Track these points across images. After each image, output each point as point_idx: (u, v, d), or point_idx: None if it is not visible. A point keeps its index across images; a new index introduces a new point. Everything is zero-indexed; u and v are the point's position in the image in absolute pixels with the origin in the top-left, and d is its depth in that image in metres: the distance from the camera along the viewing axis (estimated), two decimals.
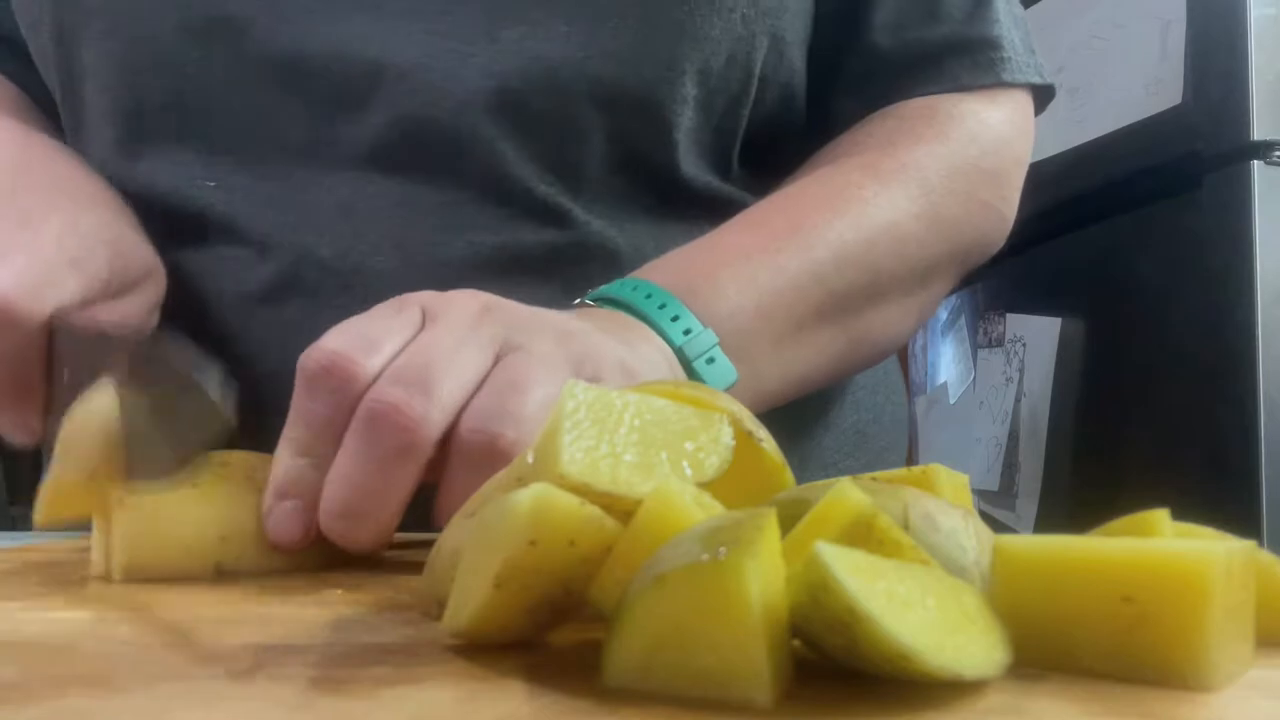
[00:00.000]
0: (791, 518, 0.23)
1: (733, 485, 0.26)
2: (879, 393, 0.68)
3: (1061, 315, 1.48)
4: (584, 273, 0.55)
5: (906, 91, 0.60)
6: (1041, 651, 0.22)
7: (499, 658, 0.23)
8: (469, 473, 0.36)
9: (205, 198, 0.56)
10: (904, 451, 0.72)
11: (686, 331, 0.47)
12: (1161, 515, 0.25)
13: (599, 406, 0.25)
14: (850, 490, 0.23)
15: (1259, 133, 1.20)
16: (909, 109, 0.60)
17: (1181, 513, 0.26)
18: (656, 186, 0.58)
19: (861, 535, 0.23)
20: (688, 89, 0.55)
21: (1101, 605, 0.21)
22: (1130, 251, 1.37)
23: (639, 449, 0.25)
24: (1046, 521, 1.46)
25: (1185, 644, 0.21)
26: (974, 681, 0.20)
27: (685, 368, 0.47)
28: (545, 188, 0.55)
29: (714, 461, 0.26)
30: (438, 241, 0.54)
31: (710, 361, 0.47)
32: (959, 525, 0.25)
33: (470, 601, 0.23)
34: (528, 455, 0.26)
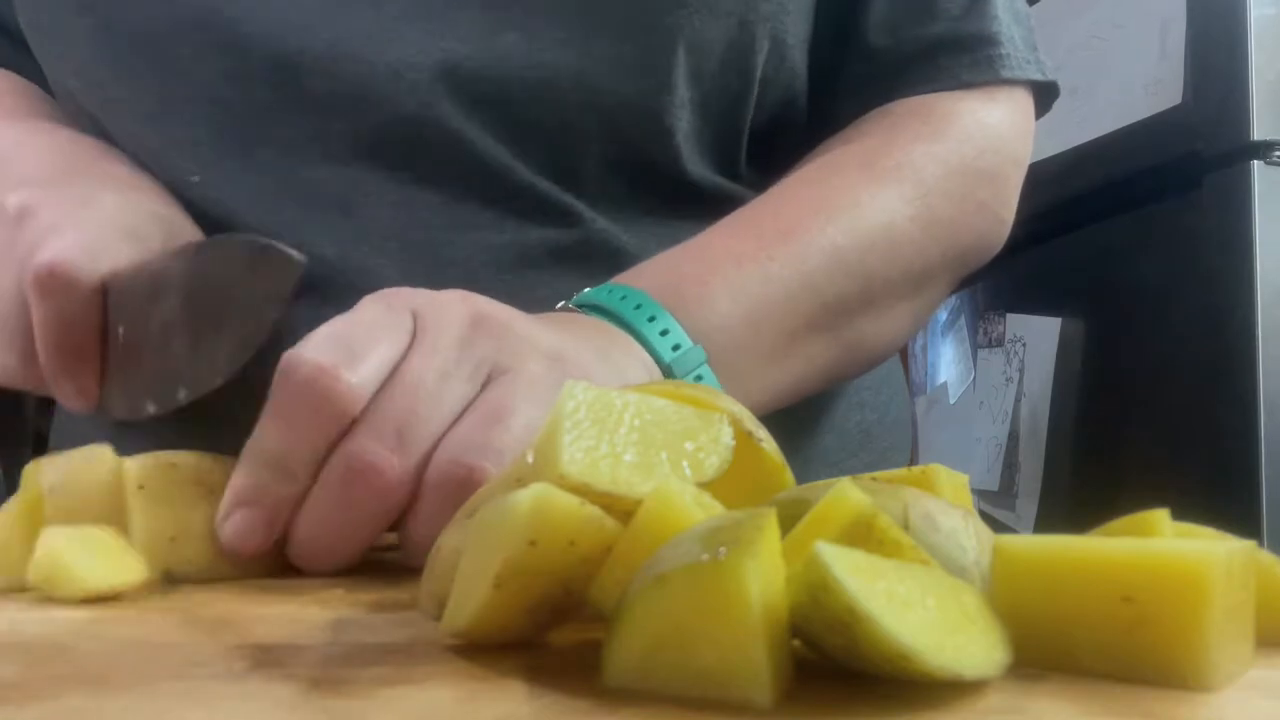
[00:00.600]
0: (791, 518, 0.23)
1: (733, 485, 0.26)
2: (882, 392, 0.68)
3: (1061, 315, 1.48)
4: (590, 270, 0.55)
5: (903, 90, 0.60)
6: (1041, 651, 0.22)
7: (499, 658, 0.23)
8: (442, 502, 0.35)
9: (201, 193, 0.55)
10: (908, 451, 0.72)
11: (675, 348, 0.46)
12: (1161, 515, 0.25)
13: (599, 406, 0.25)
14: (850, 490, 0.23)
15: (1259, 133, 1.20)
16: (905, 107, 0.60)
17: (1181, 513, 0.26)
18: (661, 188, 0.58)
19: (861, 535, 0.23)
20: (682, 93, 0.55)
21: (1101, 605, 0.21)
22: (1130, 251, 1.37)
23: (639, 449, 0.25)
24: (1046, 521, 1.46)
25: (1185, 644, 0.21)
26: (974, 681, 0.20)
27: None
28: (547, 185, 0.55)
29: (714, 461, 0.26)
30: (442, 241, 0.54)
31: (698, 379, 0.47)
32: (959, 525, 0.25)
33: (470, 601, 0.23)
34: (528, 455, 0.26)
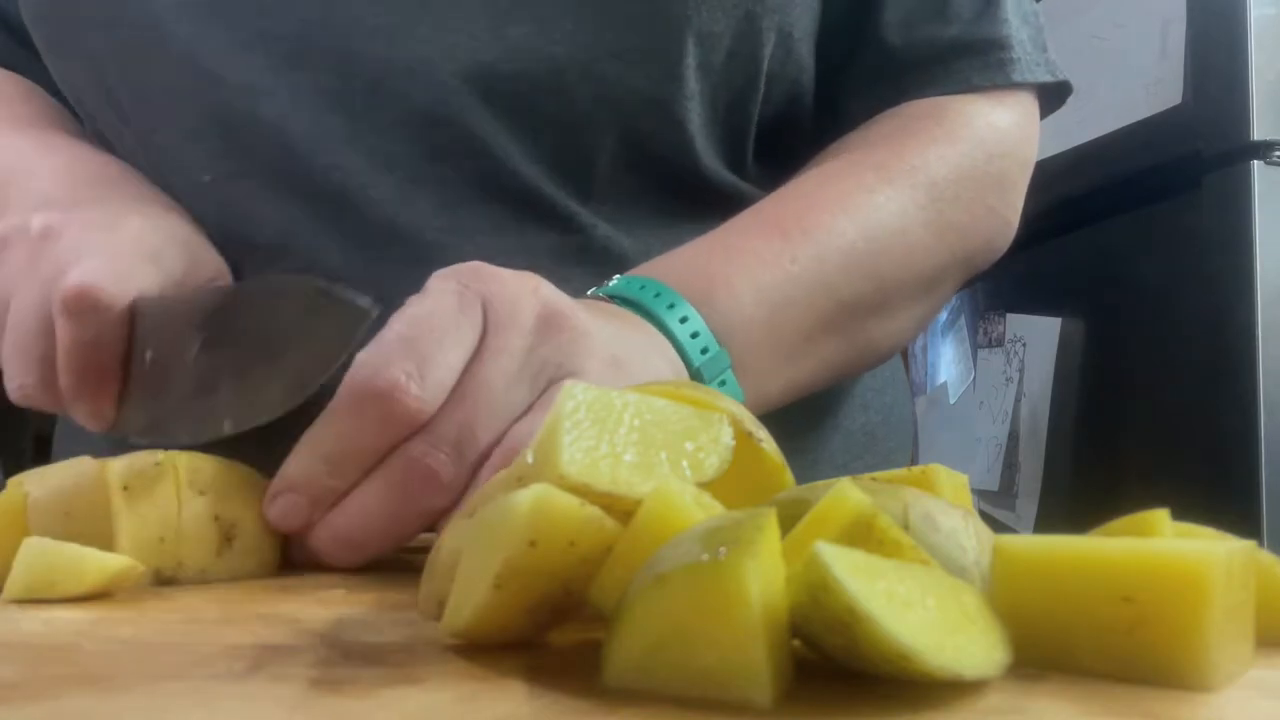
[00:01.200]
0: (791, 518, 0.23)
1: (733, 485, 0.26)
2: (886, 393, 0.68)
3: (1061, 315, 1.48)
4: (591, 275, 0.55)
5: (915, 91, 0.60)
6: (1041, 651, 0.22)
7: (499, 658, 0.23)
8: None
9: (210, 193, 0.55)
10: (910, 452, 0.72)
11: (704, 351, 0.47)
12: (1161, 515, 0.25)
13: (599, 406, 0.25)
14: (850, 490, 0.23)
15: (1259, 133, 1.20)
16: (918, 109, 0.60)
17: (1181, 513, 0.26)
18: (673, 183, 0.58)
19: (861, 535, 0.23)
20: (692, 84, 0.55)
21: (1101, 605, 0.21)
22: (1130, 251, 1.37)
23: (639, 449, 0.25)
24: (1046, 521, 1.46)
25: (1185, 644, 0.21)
26: (974, 681, 0.20)
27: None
28: (553, 188, 0.55)
29: (714, 461, 0.26)
30: (444, 244, 0.54)
31: (722, 384, 0.47)
32: (959, 525, 0.25)
33: (470, 602, 0.23)
34: (527, 455, 0.26)
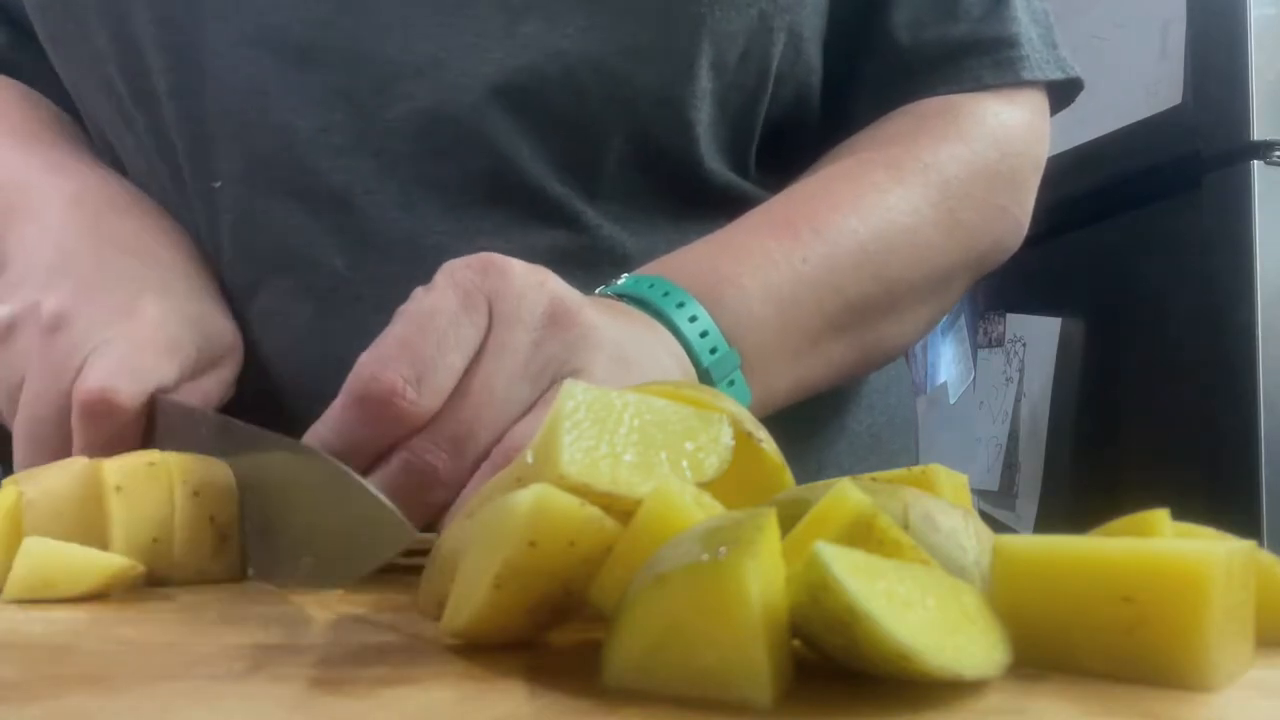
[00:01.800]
0: (791, 518, 0.23)
1: (733, 485, 0.26)
2: (891, 394, 0.68)
3: (1061, 315, 1.48)
4: (594, 276, 0.54)
5: (926, 90, 0.60)
6: (1041, 651, 0.22)
7: (499, 658, 0.23)
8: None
9: (220, 200, 0.55)
10: (914, 453, 0.71)
11: (713, 350, 0.47)
12: (1161, 515, 0.25)
13: (598, 406, 0.25)
14: (850, 490, 0.23)
15: (1259, 133, 1.20)
16: (928, 107, 0.59)
17: (1181, 513, 0.26)
18: (678, 184, 0.58)
19: (861, 535, 0.23)
20: (704, 84, 0.55)
21: (1101, 605, 0.21)
22: (1130, 251, 1.37)
23: (639, 449, 0.25)
24: (1046, 521, 1.46)
25: (1185, 644, 0.21)
26: (974, 681, 0.20)
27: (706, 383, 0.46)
28: (559, 187, 0.55)
29: (714, 461, 0.26)
30: (448, 247, 0.53)
31: (730, 384, 0.47)
32: (959, 525, 0.25)
33: (470, 602, 0.23)
34: (527, 455, 0.26)
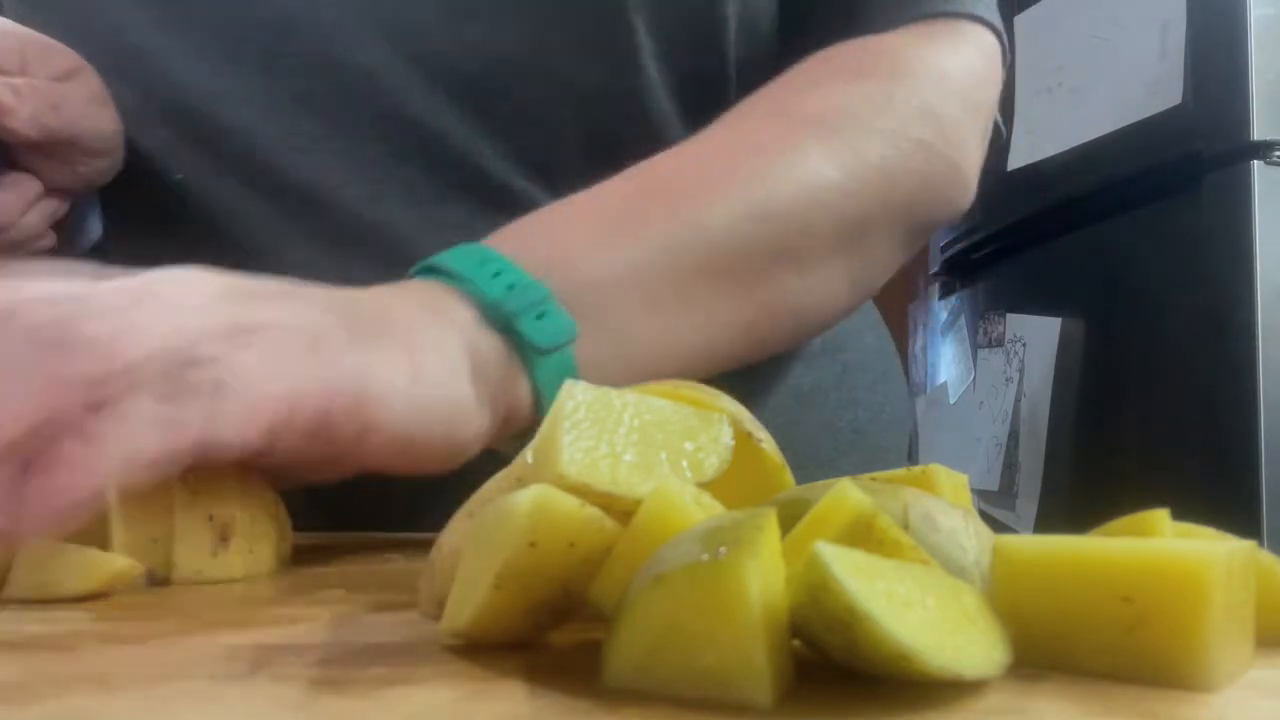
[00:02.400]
0: (791, 518, 0.23)
1: (733, 485, 0.26)
2: (878, 390, 0.68)
3: (1061, 315, 1.48)
4: None
5: (836, 34, 0.54)
6: (1041, 651, 0.22)
7: (499, 658, 0.23)
8: None
9: (182, 192, 0.56)
10: (904, 451, 0.71)
11: (511, 287, 0.40)
12: (1161, 515, 0.25)
13: (598, 407, 0.25)
14: (850, 490, 0.23)
15: (1259, 133, 1.20)
16: (836, 52, 0.54)
17: (1181, 513, 0.26)
18: None
19: (861, 535, 0.23)
20: (653, 75, 0.55)
21: (1101, 605, 0.21)
22: (1130, 251, 1.37)
23: (638, 449, 0.25)
24: (1046, 521, 1.46)
25: (1185, 644, 0.21)
26: (974, 681, 0.20)
27: (506, 327, 0.40)
28: (521, 181, 0.55)
29: (713, 461, 0.26)
30: (414, 239, 0.54)
31: (540, 317, 0.41)
32: (959, 525, 0.25)
33: (470, 602, 0.23)
34: (527, 455, 0.26)
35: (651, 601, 0.20)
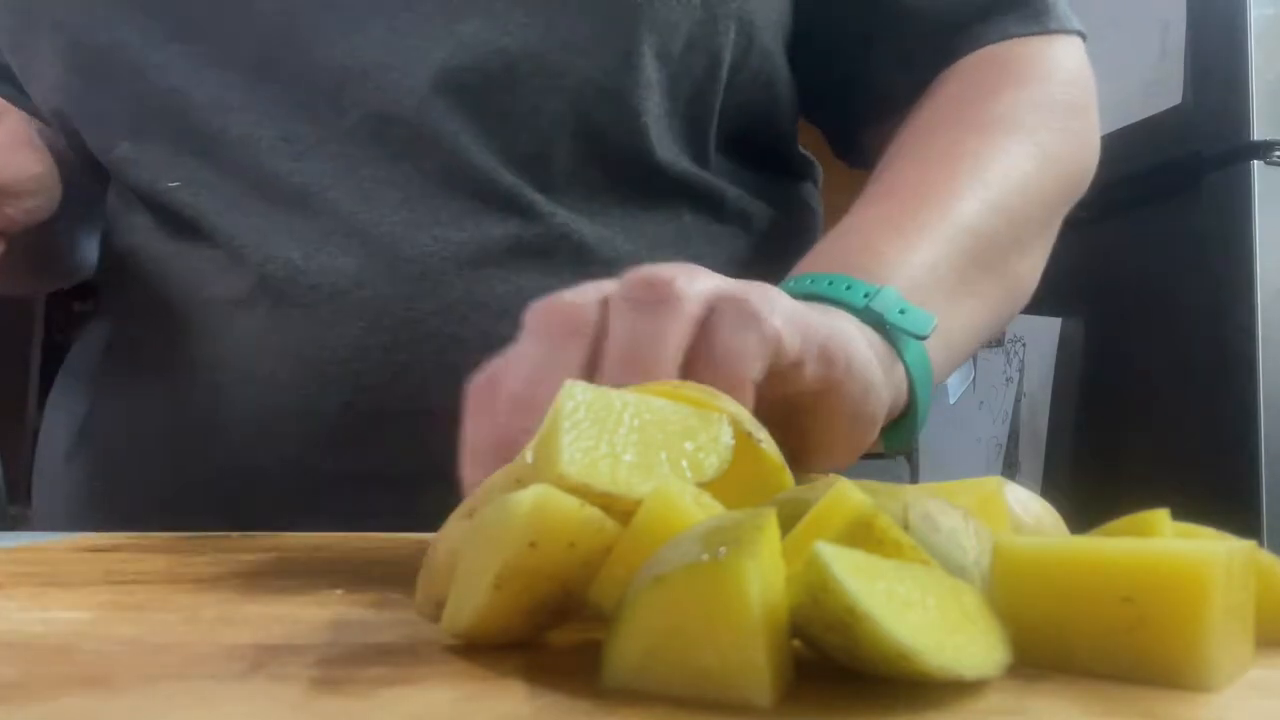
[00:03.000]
0: (791, 518, 0.23)
1: (733, 485, 0.26)
2: None
3: (1061, 315, 1.48)
4: (551, 265, 0.55)
5: (964, 50, 0.60)
6: (1041, 651, 0.22)
7: (499, 658, 0.23)
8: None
9: (176, 197, 0.56)
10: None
11: (866, 295, 0.44)
12: (1161, 515, 0.25)
13: (598, 406, 0.25)
14: (850, 490, 0.23)
15: (1259, 133, 1.20)
16: (968, 65, 0.60)
17: (1181, 513, 0.26)
18: (631, 174, 0.58)
19: (861, 535, 0.23)
20: (649, 74, 0.55)
21: (1101, 605, 0.21)
22: (1130, 251, 1.38)
23: (638, 449, 0.25)
24: None
25: (1185, 644, 0.21)
26: (974, 681, 0.20)
27: (879, 327, 0.44)
28: (510, 178, 0.55)
29: (713, 461, 0.26)
30: (402, 237, 0.54)
31: (903, 312, 0.45)
32: (959, 525, 0.25)
33: (469, 603, 0.23)
34: (526, 455, 0.26)
35: (651, 601, 0.20)
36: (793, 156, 0.69)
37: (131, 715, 0.19)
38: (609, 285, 0.36)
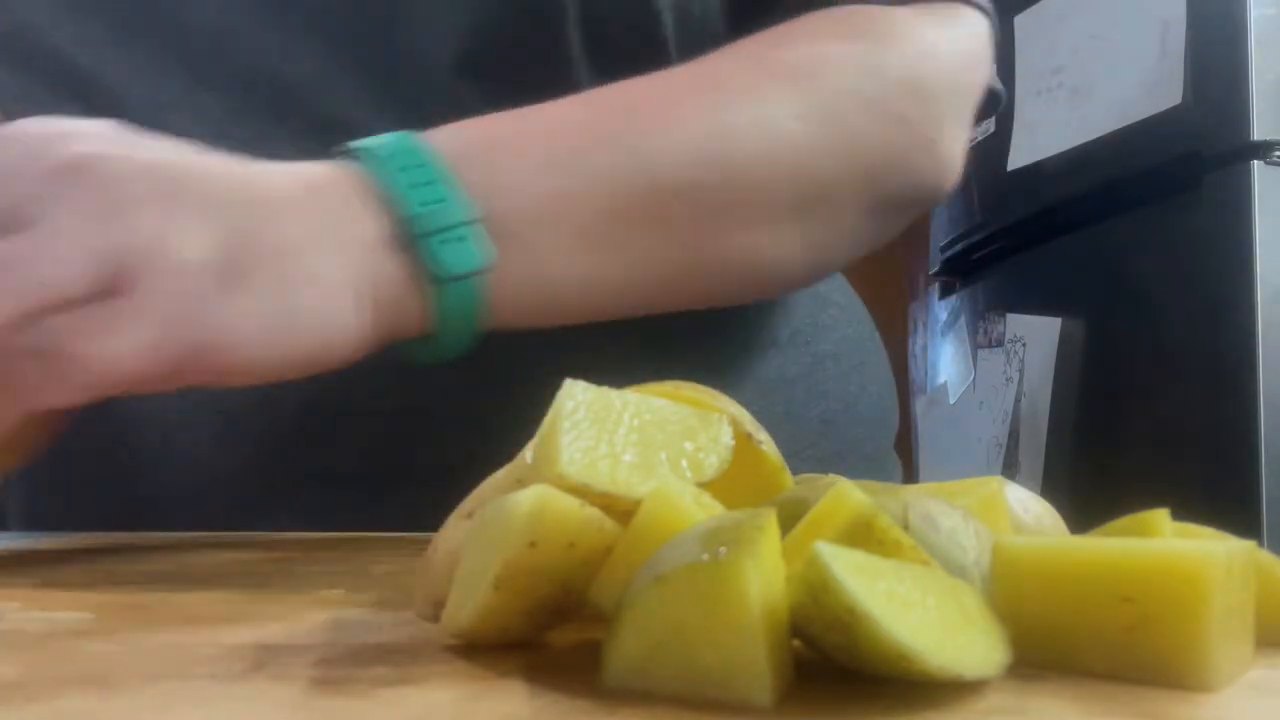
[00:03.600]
0: (791, 518, 0.23)
1: (733, 485, 0.26)
2: (851, 382, 0.65)
3: (1061, 315, 1.48)
4: None
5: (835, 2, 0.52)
6: (1041, 651, 0.22)
7: (499, 658, 0.23)
8: None
9: None
10: (888, 444, 0.69)
11: (430, 203, 0.38)
12: (1161, 515, 0.25)
13: (598, 406, 0.25)
14: (850, 490, 0.23)
15: (1259, 133, 1.20)
16: (832, 13, 0.52)
17: (1181, 513, 0.26)
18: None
19: (861, 535, 0.23)
20: (582, 74, 0.54)
21: (1101, 605, 0.21)
22: (1130, 251, 1.38)
23: (638, 449, 0.25)
24: None
25: (1185, 644, 0.21)
26: (974, 681, 0.20)
27: (413, 248, 0.39)
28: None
29: (713, 461, 0.26)
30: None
31: (456, 240, 0.39)
32: (959, 525, 0.25)
33: (469, 603, 0.23)
34: (526, 455, 0.26)
35: (651, 601, 0.20)
36: None
37: (131, 715, 0.19)
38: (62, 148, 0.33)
